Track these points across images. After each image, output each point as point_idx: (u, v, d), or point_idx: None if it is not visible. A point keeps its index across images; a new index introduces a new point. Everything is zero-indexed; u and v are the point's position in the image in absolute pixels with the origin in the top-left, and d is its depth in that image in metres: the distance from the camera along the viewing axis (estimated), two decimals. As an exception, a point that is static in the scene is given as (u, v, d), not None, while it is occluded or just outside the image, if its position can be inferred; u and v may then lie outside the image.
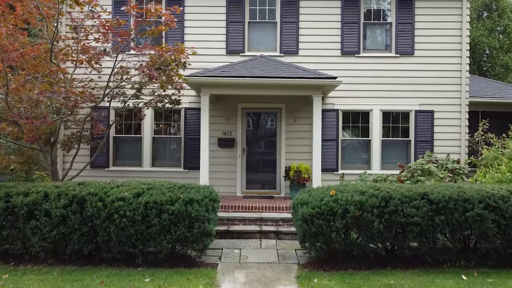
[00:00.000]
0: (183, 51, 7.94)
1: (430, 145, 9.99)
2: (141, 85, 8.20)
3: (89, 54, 7.67)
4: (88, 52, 7.61)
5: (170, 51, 8.34)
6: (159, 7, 7.62)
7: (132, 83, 8.37)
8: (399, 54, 10.08)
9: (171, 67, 8.09)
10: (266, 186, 10.21)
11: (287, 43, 10.10)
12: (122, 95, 8.97)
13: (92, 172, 9.99)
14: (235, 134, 10.13)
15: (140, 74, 7.86)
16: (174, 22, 7.65)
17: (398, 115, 10.18)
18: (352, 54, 10.10)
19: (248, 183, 10.18)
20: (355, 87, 10.04)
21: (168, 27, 7.68)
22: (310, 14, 10.13)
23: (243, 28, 10.11)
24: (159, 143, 10.28)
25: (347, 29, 10.09)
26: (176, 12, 7.71)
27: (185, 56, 8.11)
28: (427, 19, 10.08)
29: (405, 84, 10.06)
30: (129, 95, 8.94)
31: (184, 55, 8.13)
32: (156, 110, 10.04)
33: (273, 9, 10.25)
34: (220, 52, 10.15)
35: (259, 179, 10.24)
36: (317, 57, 10.09)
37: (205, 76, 8.28)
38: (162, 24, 7.73)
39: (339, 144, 10.06)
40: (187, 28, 10.17)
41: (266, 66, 9.02)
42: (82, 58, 7.61)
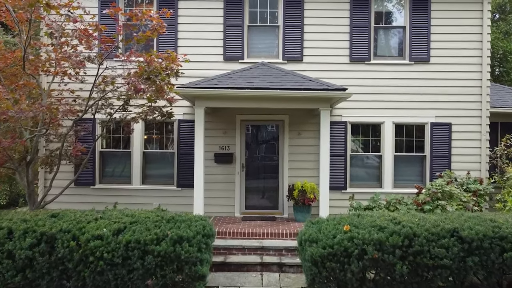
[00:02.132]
0: (175, 59, 7.07)
1: (447, 161, 9.10)
2: (128, 97, 7.31)
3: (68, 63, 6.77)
4: (66, 61, 6.71)
5: (160, 59, 7.47)
6: (147, 11, 6.72)
7: (118, 95, 7.48)
8: (413, 61, 9.19)
9: (162, 77, 7.20)
10: (267, 205, 9.31)
11: (290, 49, 9.20)
12: (108, 106, 8.09)
13: (76, 190, 9.10)
14: (233, 148, 9.23)
15: (125, 85, 6.96)
16: (163, 28, 6.77)
17: (412, 128, 9.29)
18: (362, 61, 9.20)
19: (247, 202, 9.29)
20: (365, 97, 9.15)
21: (157, 33, 6.79)
22: (316, 18, 9.23)
23: (242, 33, 9.21)
24: (150, 159, 9.38)
25: (356, 34, 9.19)
26: (166, 15, 6.82)
27: (177, 64, 7.22)
28: (444, 23, 9.19)
29: (420, 94, 9.17)
30: (116, 106, 8.06)
31: (176, 64, 7.24)
32: (146, 123, 9.14)
33: (275, 11, 9.35)
34: (217, 59, 9.25)
35: (259, 198, 9.34)
36: (323, 65, 9.19)
37: (200, 87, 7.38)
38: (150, 29, 6.83)
39: (348, 159, 9.17)
40: (181, 32, 9.26)
41: (268, 75, 8.12)
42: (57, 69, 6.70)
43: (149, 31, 6.84)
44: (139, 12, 6.55)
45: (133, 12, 6.54)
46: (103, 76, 7.36)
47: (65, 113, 6.70)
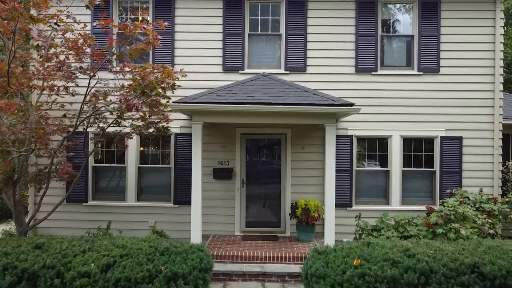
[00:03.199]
0: (170, 73, 6.63)
1: (457, 176, 8.65)
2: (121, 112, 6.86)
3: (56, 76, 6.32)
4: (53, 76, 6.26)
5: (156, 71, 7.04)
6: (139, 23, 6.26)
7: (110, 109, 7.02)
8: (422, 72, 8.74)
9: (156, 92, 6.75)
10: (269, 223, 8.86)
11: (293, 59, 8.75)
12: (101, 120, 7.64)
13: (68, 207, 8.65)
14: (233, 163, 8.78)
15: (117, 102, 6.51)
16: (158, 40, 6.33)
17: (421, 142, 8.83)
18: (368, 71, 8.75)
19: (248, 220, 8.83)
20: (371, 110, 8.69)
21: (151, 46, 6.34)
22: (320, 26, 8.78)
23: (242, 42, 8.76)
24: (146, 174, 8.92)
25: (363, 43, 8.74)
26: (161, 27, 6.36)
27: (173, 78, 6.78)
28: (454, 32, 8.74)
29: (429, 107, 8.72)
30: (110, 119, 7.60)
31: (172, 78, 6.80)
32: (141, 137, 8.69)
33: (277, 19, 8.90)
34: (216, 69, 8.80)
35: (261, 215, 8.89)
36: (327, 75, 8.75)
37: (197, 102, 6.93)
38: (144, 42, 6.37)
39: (353, 175, 8.72)
40: (178, 41, 8.81)
41: (270, 88, 7.67)
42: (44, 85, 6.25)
43: (143, 43, 6.38)
44: (131, 25, 6.08)
45: (125, 24, 6.07)
46: (94, 90, 6.91)
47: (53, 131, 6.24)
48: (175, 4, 8.80)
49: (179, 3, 8.82)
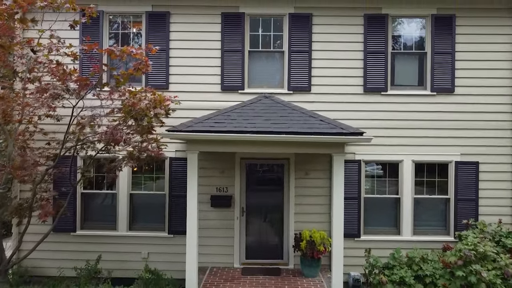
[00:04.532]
0: (163, 100, 6.03)
1: (473, 204, 8.04)
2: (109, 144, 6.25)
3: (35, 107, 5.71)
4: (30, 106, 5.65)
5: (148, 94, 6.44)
6: (126, 49, 5.64)
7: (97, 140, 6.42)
8: (436, 92, 8.12)
9: (148, 119, 6.14)
10: (271, 254, 8.23)
11: (296, 78, 8.13)
12: (89, 146, 7.02)
13: (55, 237, 8.02)
14: (232, 190, 8.16)
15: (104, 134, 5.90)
16: (149, 66, 5.74)
17: (434, 167, 8.22)
18: (378, 91, 8.13)
19: (248, 251, 8.21)
20: (381, 133, 8.08)
21: (141, 72, 5.72)
22: (326, 42, 8.16)
23: (242, 59, 8.14)
24: (138, 201, 8.31)
25: (372, 60, 8.13)
26: (151, 52, 5.76)
27: (166, 105, 6.18)
28: (470, 48, 8.13)
29: (443, 129, 8.10)
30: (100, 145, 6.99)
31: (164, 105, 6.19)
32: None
33: (279, 35, 8.29)
34: (214, 89, 8.18)
35: (262, 245, 8.27)
36: (334, 95, 8.14)
37: (193, 131, 6.31)
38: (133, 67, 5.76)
39: (362, 203, 8.10)
40: (173, 59, 8.19)
41: (272, 112, 7.06)
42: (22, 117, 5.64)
43: (132, 69, 5.77)
44: (117, 50, 5.46)
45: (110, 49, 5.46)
46: (80, 118, 6.30)
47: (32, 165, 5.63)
48: (170, 19, 8.19)
49: (174, 18, 8.20)
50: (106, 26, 8.27)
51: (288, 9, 8.16)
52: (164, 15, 8.18)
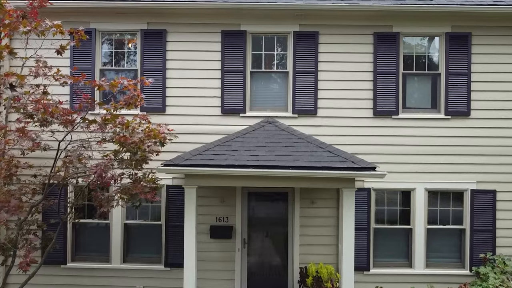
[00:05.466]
0: (157, 135, 5.52)
1: (490, 235, 7.54)
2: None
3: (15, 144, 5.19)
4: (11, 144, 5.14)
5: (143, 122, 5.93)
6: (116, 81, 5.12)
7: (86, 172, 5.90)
8: (450, 116, 7.62)
9: (141, 154, 5.62)
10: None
11: (302, 101, 7.62)
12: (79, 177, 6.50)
13: (44, 270, 7.46)
14: (232, 220, 7.65)
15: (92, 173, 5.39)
16: (142, 100, 5.21)
17: (448, 195, 7.71)
18: (388, 115, 7.62)
19: (250, 285, 7.70)
20: (392, 159, 7.57)
21: (133, 106, 5.21)
22: (333, 62, 7.66)
23: (243, 80, 7.63)
24: (133, 232, 7.80)
25: (382, 82, 7.62)
26: (144, 84, 5.25)
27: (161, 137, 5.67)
28: (487, 69, 7.62)
29: (458, 155, 7.60)
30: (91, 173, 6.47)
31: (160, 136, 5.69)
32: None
33: (283, 54, 7.77)
34: (213, 112, 7.67)
35: (264, 279, 7.75)
36: (341, 119, 7.63)
37: (191, 165, 5.82)
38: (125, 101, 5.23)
39: (371, 234, 7.59)
40: (170, 80, 7.68)
41: (276, 140, 6.56)
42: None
43: (123, 102, 5.25)
44: (106, 83, 4.94)
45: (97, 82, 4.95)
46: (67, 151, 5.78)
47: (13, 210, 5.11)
48: (167, 38, 7.68)
49: (171, 36, 7.69)
50: (99, 45, 7.75)
51: (292, 27, 7.65)
52: (161, 33, 7.66)
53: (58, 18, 7.41)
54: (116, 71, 7.80)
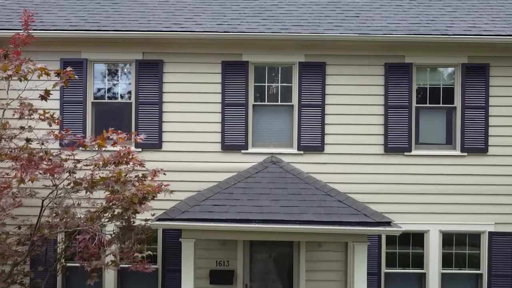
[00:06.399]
0: (151, 191, 4.99)
1: (510, 281, 7.05)
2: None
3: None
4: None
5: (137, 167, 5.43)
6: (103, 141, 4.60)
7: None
8: (467, 152, 7.12)
9: (133, 209, 5.11)
10: (278, 338, 7.24)
11: (308, 136, 7.13)
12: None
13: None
14: (234, 264, 7.14)
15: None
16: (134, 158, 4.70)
17: (464, 237, 7.23)
18: (400, 151, 7.13)
19: (252, 333, 7.23)
20: (403, 198, 7.09)
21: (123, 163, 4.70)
22: (341, 95, 7.16)
23: (245, 114, 7.14)
24: (127, 278, 7.27)
25: (393, 116, 7.13)
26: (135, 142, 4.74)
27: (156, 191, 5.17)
28: (507, 103, 7.12)
29: (475, 195, 7.10)
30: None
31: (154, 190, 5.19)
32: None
33: (288, 86, 7.28)
34: (213, 148, 7.17)
35: (268, 327, 7.28)
36: (350, 156, 7.13)
37: (189, 219, 5.34)
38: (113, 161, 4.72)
39: (382, 279, 7.10)
40: (167, 114, 7.18)
41: (281, 186, 6.08)
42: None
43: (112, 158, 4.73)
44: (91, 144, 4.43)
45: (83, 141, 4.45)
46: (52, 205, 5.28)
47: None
48: (164, 69, 7.18)
49: (168, 67, 7.19)
50: (91, 76, 7.25)
51: (298, 57, 7.15)
52: (157, 63, 7.17)
53: (47, 47, 7.05)
54: (109, 104, 7.32)
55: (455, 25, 7.13)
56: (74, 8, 7.63)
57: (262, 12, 7.60)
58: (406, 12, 7.59)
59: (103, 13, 7.46)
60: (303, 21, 7.25)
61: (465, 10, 7.66)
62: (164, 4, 7.92)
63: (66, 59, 7.12)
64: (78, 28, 6.93)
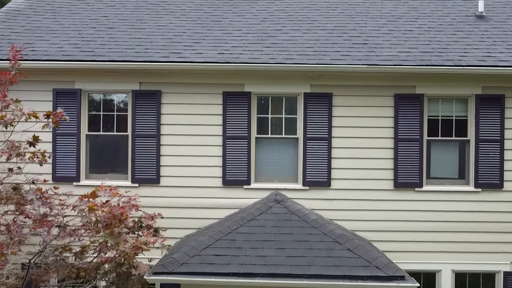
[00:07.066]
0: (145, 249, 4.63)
1: (525, 323, 6.71)
2: None
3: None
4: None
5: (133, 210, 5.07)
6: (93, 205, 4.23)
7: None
8: (481, 188, 6.77)
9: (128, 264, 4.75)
10: None
11: (313, 171, 6.77)
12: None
13: None
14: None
15: None
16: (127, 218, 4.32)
17: (477, 277, 6.88)
18: (411, 187, 6.78)
19: None
20: (414, 236, 6.74)
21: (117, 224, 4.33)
22: (349, 128, 6.81)
23: (248, 147, 6.78)
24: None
25: (403, 150, 6.77)
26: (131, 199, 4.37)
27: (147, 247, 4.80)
28: (523, 136, 6.78)
29: (489, 233, 6.75)
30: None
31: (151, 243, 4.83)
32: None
33: (293, 118, 6.92)
34: (214, 183, 6.81)
35: None
36: (358, 192, 6.78)
37: (188, 273, 4.96)
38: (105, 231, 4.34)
39: (391, 321, 6.74)
40: (165, 147, 6.83)
41: (286, 231, 5.69)
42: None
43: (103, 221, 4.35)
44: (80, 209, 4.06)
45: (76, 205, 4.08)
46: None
47: None
48: (162, 100, 6.82)
49: (166, 98, 6.83)
50: (85, 107, 6.89)
51: (303, 88, 6.79)
52: (154, 94, 6.81)
53: (39, 76, 6.71)
54: (104, 137, 6.96)
55: (468, 54, 6.76)
56: (67, 34, 7.26)
57: (265, 38, 7.24)
58: (417, 39, 7.23)
59: (98, 40, 7.09)
60: (308, 49, 6.89)
61: (478, 36, 7.29)
62: (163, 29, 7.56)
63: (59, 90, 6.79)
64: (71, 57, 6.57)
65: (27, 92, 6.56)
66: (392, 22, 7.82)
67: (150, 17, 8.03)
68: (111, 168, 6.99)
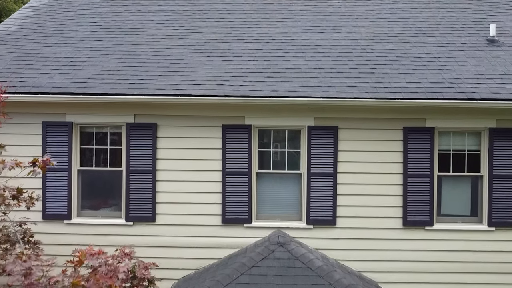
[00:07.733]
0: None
1: None
2: None
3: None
4: None
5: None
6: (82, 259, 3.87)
7: None
8: (495, 227, 6.41)
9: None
10: None
11: (318, 208, 6.41)
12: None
13: None
14: None
15: None
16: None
17: (491, 320, 6.52)
18: (421, 225, 6.42)
19: None
20: (424, 278, 6.38)
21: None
22: (355, 162, 6.45)
23: (248, 183, 6.42)
24: None
25: (413, 186, 6.41)
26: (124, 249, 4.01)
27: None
28: (539, 171, 6.41)
29: (504, 274, 6.39)
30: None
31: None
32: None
33: (296, 152, 6.56)
34: (213, 221, 6.46)
35: None
36: (365, 231, 6.42)
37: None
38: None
39: None
40: (161, 183, 6.47)
41: (290, 281, 5.32)
42: None
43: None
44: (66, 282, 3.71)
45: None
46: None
47: None
48: (157, 133, 6.46)
49: (162, 131, 6.47)
50: (76, 141, 6.52)
51: (307, 121, 6.43)
52: (150, 127, 6.45)
53: (28, 109, 6.39)
54: (97, 172, 6.60)
55: (481, 85, 6.40)
56: (59, 62, 6.90)
57: (266, 66, 6.88)
58: (426, 67, 6.87)
59: (90, 69, 6.73)
60: (312, 79, 6.53)
61: (491, 64, 6.93)
62: (159, 55, 7.20)
63: (49, 122, 6.44)
64: (62, 90, 6.21)
65: (16, 125, 6.22)
66: (400, 47, 7.46)
67: (146, 41, 7.67)
68: (104, 205, 6.63)
